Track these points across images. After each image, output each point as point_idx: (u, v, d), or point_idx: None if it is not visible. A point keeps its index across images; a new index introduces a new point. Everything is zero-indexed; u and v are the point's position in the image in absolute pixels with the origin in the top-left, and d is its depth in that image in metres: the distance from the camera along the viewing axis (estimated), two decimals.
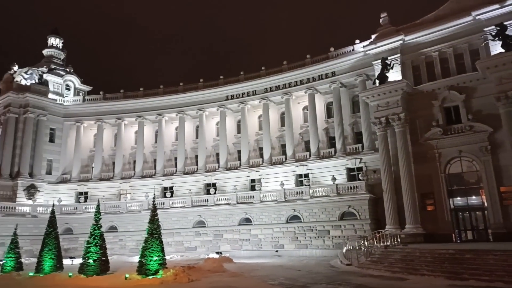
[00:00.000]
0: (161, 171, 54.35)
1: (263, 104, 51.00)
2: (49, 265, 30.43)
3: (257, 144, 53.05)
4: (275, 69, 50.87)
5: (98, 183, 55.05)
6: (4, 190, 49.66)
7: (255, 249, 41.98)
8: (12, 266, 33.50)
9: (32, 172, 52.04)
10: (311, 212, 40.40)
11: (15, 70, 56.10)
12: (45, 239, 31.52)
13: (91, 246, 27.55)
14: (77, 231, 48.03)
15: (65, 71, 61.01)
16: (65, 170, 56.36)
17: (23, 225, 41.73)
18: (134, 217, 47.71)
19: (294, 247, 40.15)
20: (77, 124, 57.21)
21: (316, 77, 47.69)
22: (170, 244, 43.80)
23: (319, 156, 46.06)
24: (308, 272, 25.28)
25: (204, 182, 51.99)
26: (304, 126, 50.08)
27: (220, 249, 42.16)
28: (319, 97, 49.12)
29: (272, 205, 42.41)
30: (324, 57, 47.34)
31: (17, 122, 52.72)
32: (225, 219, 44.74)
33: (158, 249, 25.57)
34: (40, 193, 51.62)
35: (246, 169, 49.91)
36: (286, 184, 44.50)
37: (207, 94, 54.27)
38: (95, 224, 28.23)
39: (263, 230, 42.36)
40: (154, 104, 56.55)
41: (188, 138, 55.93)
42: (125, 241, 47.47)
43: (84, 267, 27.13)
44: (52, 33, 64.30)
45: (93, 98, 59.43)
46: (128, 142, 58.47)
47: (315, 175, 45.63)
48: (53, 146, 55.70)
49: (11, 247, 34.31)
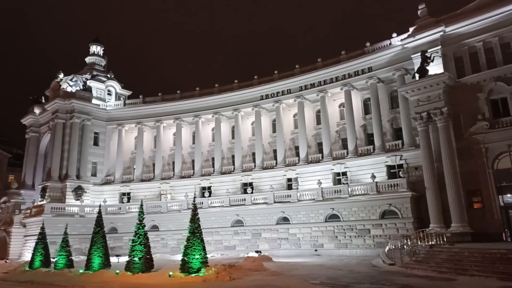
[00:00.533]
0: (199, 172, 55.46)
1: (298, 102, 50.74)
2: (98, 262, 31.92)
3: (292, 143, 52.88)
4: (310, 67, 50.43)
5: (140, 184, 57.06)
6: (54, 191, 52.65)
7: (293, 248, 41.92)
8: (64, 263, 35.51)
9: (79, 174, 54.81)
10: (350, 211, 39.78)
11: (61, 78, 59.26)
12: (93, 238, 33.10)
13: (136, 244, 28.53)
14: (121, 230, 50.09)
15: (106, 77, 63.68)
16: (109, 172, 58.88)
17: (72, 225, 43.86)
18: (175, 217, 49.06)
19: (334, 246, 39.69)
20: (118, 128, 59.58)
21: (352, 73, 46.83)
22: (210, 243, 44.58)
23: (357, 153, 45.22)
24: (349, 271, 24.92)
25: (241, 181, 52.52)
26: (341, 124, 49.35)
27: (258, 248, 42.46)
28: (356, 94, 48.20)
29: (310, 204, 42.14)
30: (360, 53, 46.37)
31: (64, 127, 55.70)
32: (262, 218, 44.98)
33: (199, 247, 26.07)
34: (87, 194, 54.27)
35: (283, 168, 49.86)
36: (324, 182, 44.02)
37: (242, 94, 54.76)
38: (139, 224, 29.17)
39: (301, 229, 42.20)
40: (190, 106, 57.79)
41: (224, 139, 56.71)
42: (166, 240, 48.90)
43: (130, 265, 28.15)
44: (93, 41, 67.37)
45: (133, 102, 61.64)
46: (167, 143, 60.13)
47: (353, 173, 44.84)
48: (97, 149, 58.34)
49: (62, 246, 36.37)
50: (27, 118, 62.72)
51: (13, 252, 50.30)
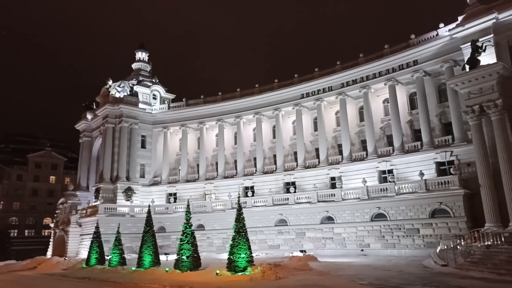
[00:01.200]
0: (242, 171, 56.10)
1: (340, 99, 49.84)
2: (148, 260, 33.35)
3: (335, 141, 52.05)
4: (351, 63, 49.33)
5: (185, 184, 58.70)
6: (107, 192, 55.51)
7: (339, 247, 41.26)
8: (117, 261, 37.43)
9: (128, 176, 57.40)
10: (397, 210, 38.49)
11: (110, 84, 62.34)
12: (143, 237, 34.62)
13: (183, 243, 29.49)
14: (169, 229, 51.82)
15: (152, 81, 66.13)
16: (156, 173, 61.13)
17: (123, 224, 45.88)
18: (219, 216, 49.98)
19: (381, 246, 38.60)
20: (164, 130, 61.67)
21: (396, 67, 45.26)
22: (254, 242, 44.81)
23: (403, 150, 43.65)
24: (399, 272, 24.14)
25: (283, 181, 52.47)
26: (385, 120, 47.87)
27: (303, 248, 42.22)
28: (401, 88, 46.53)
29: (355, 203, 41.27)
30: (404, 46, 44.65)
31: (114, 131, 58.57)
32: (306, 218, 44.67)
33: (245, 246, 26.45)
34: (136, 195, 56.69)
35: (325, 167, 49.21)
36: (369, 181, 42.92)
37: (282, 93, 54.67)
38: (186, 223, 30.11)
39: (346, 229, 41.44)
40: (232, 107, 58.59)
41: (266, 138, 56.93)
42: (212, 239, 49.94)
43: (178, 263, 29.16)
44: (139, 48, 70.22)
45: (177, 105, 63.52)
46: (210, 144, 61.39)
47: (399, 170, 43.33)
48: (144, 152, 60.75)
49: (116, 244, 38.35)
50: (80, 124, 66.66)
51: (70, 250, 53.61)
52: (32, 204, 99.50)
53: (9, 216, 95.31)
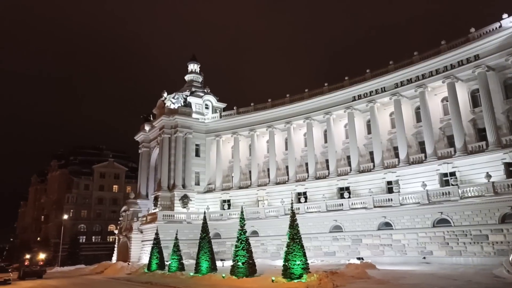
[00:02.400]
0: (294, 177, 55.78)
1: (394, 100, 47.96)
2: (205, 266, 34.15)
3: (390, 143, 50.09)
4: (406, 62, 47.31)
5: (238, 191, 59.57)
6: (165, 200, 57.92)
7: (398, 255, 39.45)
8: (176, 266, 38.77)
9: (184, 184, 59.46)
10: (462, 215, 36.07)
11: (165, 96, 65.30)
12: (200, 243, 35.54)
13: (239, 249, 29.84)
14: (224, 236, 52.77)
15: (204, 92, 68.22)
16: (210, 181, 62.73)
17: (180, 230, 47.39)
18: (273, 222, 50.01)
19: (445, 253, 36.33)
20: (216, 139, 63.23)
21: (455, 63, 42.70)
22: (309, 248, 44.11)
23: (466, 151, 40.89)
24: (467, 282, 22.50)
25: (336, 186, 51.38)
26: (445, 120, 45.25)
27: (359, 255, 40.91)
28: (461, 86, 43.79)
29: (414, 208, 39.32)
30: (463, 40, 42.06)
31: (170, 141, 61.11)
32: (362, 224, 43.31)
33: (300, 253, 26.18)
34: (192, 202, 58.55)
35: (381, 171, 47.45)
36: (428, 184, 40.69)
37: (332, 97, 53.75)
38: (241, 230, 30.44)
39: (406, 235, 39.56)
40: (282, 113, 58.63)
41: (317, 143, 56.21)
42: (266, 245, 50.05)
43: (234, 269, 29.54)
44: (191, 60, 72.93)
45: (228, 113, 64.87)
46: (261, 151, 61.85)
47: (463, 173, 40.61)
48: (198, 160, 62.64)
49: (174, 250, 39.76)
50: (139, 135, 70.41)
51: (133, 256, 56.43)
52: (98, 211, 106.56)
53: (78, 223, 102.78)
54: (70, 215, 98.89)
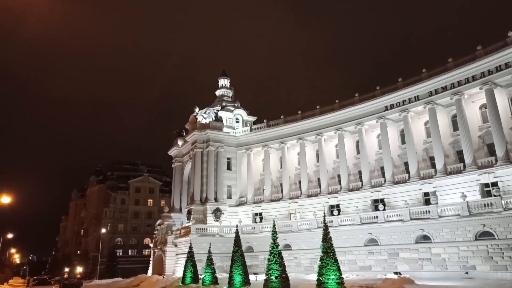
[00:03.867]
0: (326, 189, 54.97)
1: (429, 109, 46.56)
2: (239, 280, 34.07)
3: (426, 153, 48.49)
4: (439, 69, 45.98)
5: (270, 204, 59.37)
6: (197, 214, 58.62)
7: (438, 270, 37.73)
8: (210, 280, 38.91)
9: (216, 197, 60.01)
10: (507, 227, 34.20)
11: (197, 111, 66.71)
12: (233, 257, 35.56)
13: (271, 263, 29.55)
14: (257, 249, 52.54)
15: (234, 106, 69.16)
16: (241, 194, 62.98)
17: (213, 244, 47.52)
18: (306, 236, 49.33)
19: (489, 268, 34.39)
20: (247, 152, 63.61)
21: (493, 69, 41.03)
22: (343, 263, 43.13)
23: (509, 160, 38.88)
24: None
25: (370, 198, 50.12)
26: (484, 127, 43.36)
27: (397, 269, 39.42)
28: (500, 92, 41.94)
29: (454, 220, 37.66)
30: (502, 45, 40.37)
31: (202, 155, 62.13)
32: (399, 237, 41.88)
33: (334, 267, 25.60)
34: (224, 215, 58.86)
35: (417, 182, 45.89)
36: (468, 195, 38.87)
37: (364, 107, 52.89)
38: (273, 243, 30.16)
39: (446, 249, 37.85)
40: (312, 125, 58.27)
41: (349, 154, 55.27)
42: (299, 259, 49.33)
43: (268, 283, 29.22)
44: (221, 75, 74.37)
45: (259, 127, 65.26)
46: (292, 163, 61.54)
47: (506, 183, 38.57)
48: (230, 173, 63.15)
49: (208, 263, 39.96)
50: (172, 150, 72.12)
51: (168, 269, 57.21)
52: (134, 225, 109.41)
53: (115, 237, 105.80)
54: (108, 229, 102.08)
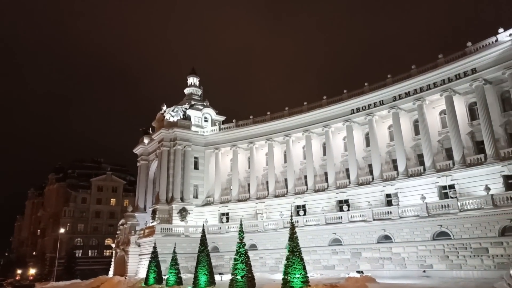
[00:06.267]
0: (292, 190, 55.57)
1: (393, 113, 48.23)
2: (204, 280, 33.73)
3: (389, 156, 50.16)
4: (403, 75, 47.75)
5: (237, 204, 59.23)
6: (163, 213, 57.46)
7: (398, 268, 39.08)
8: (174, 280, 38.29)
9: (182, 197, 59.10)
10: (462, 228, 35.93)
11: (164, 109, 65.47)
12: (198, 257, 35.15)
13: (238, 263, 29.47)
14: (222, 249, 52.26)
15: (203, 105, 68.43)
16: (208, 194, 62.42)
17: (178, 244, 47.03)
18: (272, 236, 49.62)
19: (445, 267, 36.02)
20: (215, 151, 63.15)
21: (453, 77, 43.11)
22: (308, 262, 43.32)
23: (465, 163, 40.95)
24: None
25: (335, 199, 51.16)
26: (443, 133, 45.45)
27: (359, 268, 40.51)
28: (459, 99, 44.12)
29: (414, 220, 39.16)
30: (460, 54, 42.55)
31: (169, 154, 60.99)
32: (362, 237, 43.02)
33: (299, 266, 25.92)
34: (190, 215, 58.05)
35: (380, 183, 47.37)
36: (428, 197, 40.58)
37: (331, 110, 53.98)
38: (240, 243, 30.09)
39: (405, 248, 39.28)
40: (281, 126, 58.76)
41: (316, 156, 56.22)
42: (265, 259, 49.53)
43: (233, 283, 29.12)
44: (190, 73, 73.40)
45: (227, 126, 64.98)
46: (260, 164, 61.75)
47: (462, 185, 40.56)
48: (197, 173, 62.41)
49: (172, 264, 39.33)
50: (138, 148, 70.33)
51: (130, 270, 55.68)
52: (95, 225, 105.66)
53: (75, 237, 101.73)
54: (67, 229, 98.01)
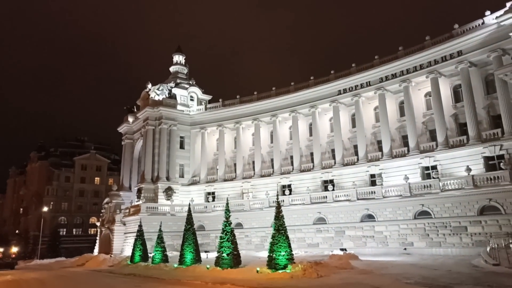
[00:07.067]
0: (279, 170, 55.92)
1: (379, 94, 48.48)
2: (190, 258, 34.00)
3: (374, 137, 50.72)
4: (390, 57, 47.83)
5: (223, 184, 59.40)
6: (148, 192, 57.28)
7: (380, 246, 40.15)
8: (160, 258, 38.49)
9: (168, 176, 58.88)
10: (442, 207, 36.90)
11: (149, 88, 64.28)
12: (184, 235, 35.33)
13: (224, 241, 29.77)
14: (208, 228, 52.66)
15: (189, 84, 67.46)
16: (194, 173, 62.32)
17: (164, 223, 46.93)
18: (257, 215, 50.14)
19: (425, 245, 37.13)
20: (201, 131, 62.74)
21: (439, 59, 43.39)
22: (293, 240, 43.64)
23: (448, 145, 41.76)
24: (447, 271, 23.07)
25: (321, 179, 51.76)
26: (428, 114, 46.04)
27: (342, 246, 41.41)
28: (444, 81, 44.57)
29: (397, 200, 40.00)
30: (447, 36, 42.72)
31: (154, 133, 60.33)
32: (345, 216, 43.83)
33: (285, 244, 26.31)
34: (176, 194, 58.04)
35: (364, 164, 48.03)
36: (411, 178, 41.41)
37: (318, 90, 53.95)
38: (226, 221, 30.33)
39: (388, 227, 40.25)
40: (267, 106, 58.56)
41: (302, 136, 56.44)
42: (250, 237, 50.16)
43: (219, 260, 29.48)
44: (176, 51, 71.86)
45: (214, 106, 64.41)
46: (247, 144, 61.73)
47: (444, 166, 41.50)
48: (183, 152, 62.09)
49: (158, 242, 39.44)
50: (122, 127, 69.26)
51: (116, 248, 55.76)
52: (79, 204, 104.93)
53: (58, 216, 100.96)
54: (50, 207, 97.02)
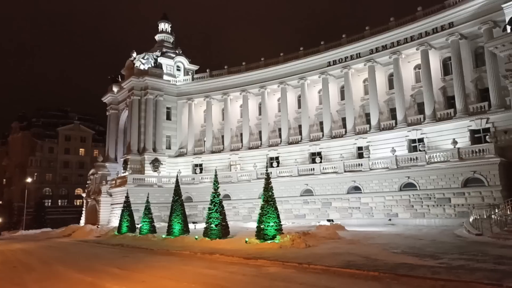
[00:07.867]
0: (267, 142, 55.78)
1: (369, 66, 48.05)
2: (178, 228, 34.07)
3: (362, 110, 50.68)
4: (381, 28, 47.16)
5: (211, 156, 59.12)
6: (134, 164, 56.67)
7: (365, 217, 40.92)
8: (147, 229, 38.51)
9: (155, 148, 58.20)
10: (428, 179, 37.50)
11: (134, 56, 62.33)
12: (172, 206, 35.24)
13: (212, 212, 29.74)
14: (196, 199, 52.78)
15: (175, 53, 65.61)
16: (181, 145, 61.72)
17: (151, 194, 46.80)
18: (245, 186, 50.29)
19: (409, 215, 37.98)
20: (188, 102, 61.65)
21: (430, 31, 42.90)
22: (280, 211, 43.63)
23: (435, 118, 42.02)
24: (431, 241, 23.62)
25: (309, 151, 51.90)
26: (416, 87, 45.99)
27: (329, 217, 42.06)
28: (434, 53, 44.29)
29: (383, 172, 40.44)
30: (439, 7, 42.10)
31: (140, 103, 59.03)
32: (332, 188, 44.29)
33: (274, 215, 26.46)
34: (163, 166, 57.60)
35: (352, 137, 48.21)
36: (398, 150, 41.85)
37: (308, 62, 53.18)
38: (214, 193, 30.17)
39: (374, 199, 40.91)
40: (256, 77, 57.63)
41: (291, 109, 56.04)
42: (238, 209, 50.53)
43: (207, 231, 29.57)
44: (161, 19, 69.40)
45: (201, 76, 63.08)
46: (235, 116, 61.10)
47: (431, 139, 41.92)
48: (170, 124, 61.20)
49: (145, 213, 39.36)
50: (107, 97, 67.51)
51: (102, 219, 55.67)
52: (64, 175, 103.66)
53: (43, 187, 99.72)
54: (34, 178, 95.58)
